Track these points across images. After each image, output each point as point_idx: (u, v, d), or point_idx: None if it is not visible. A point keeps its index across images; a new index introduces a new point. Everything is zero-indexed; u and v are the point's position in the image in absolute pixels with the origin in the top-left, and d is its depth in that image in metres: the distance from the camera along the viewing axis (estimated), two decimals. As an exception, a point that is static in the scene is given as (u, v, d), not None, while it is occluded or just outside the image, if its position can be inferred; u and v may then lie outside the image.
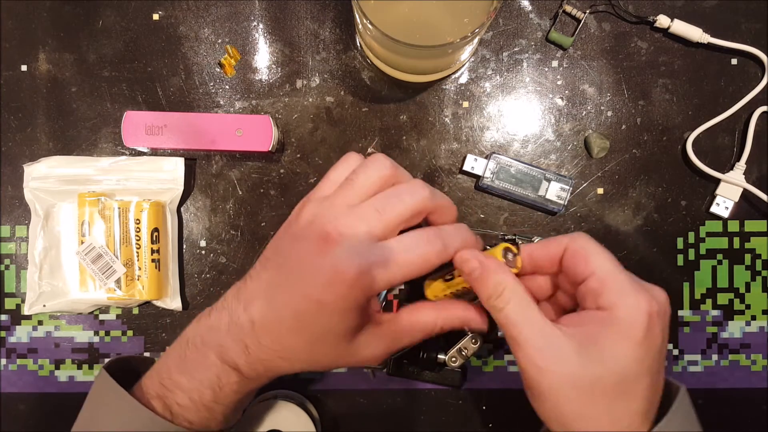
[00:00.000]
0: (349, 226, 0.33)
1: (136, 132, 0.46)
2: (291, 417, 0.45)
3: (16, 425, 0.49)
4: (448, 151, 0.48)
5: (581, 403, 0.32)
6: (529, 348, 0.32)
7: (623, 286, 0.32)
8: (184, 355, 0.36)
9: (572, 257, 0.34)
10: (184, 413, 0.36)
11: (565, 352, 0.32)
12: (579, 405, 0.32)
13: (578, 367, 0.31)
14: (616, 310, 0.32)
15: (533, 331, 0.33)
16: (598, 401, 0.32)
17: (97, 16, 0.49)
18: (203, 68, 0.49)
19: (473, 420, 0.48)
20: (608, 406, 0.32)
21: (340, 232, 0.33)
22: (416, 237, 0.34)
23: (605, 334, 0.32)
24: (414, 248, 0.33)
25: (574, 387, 0.32)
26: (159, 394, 0.36)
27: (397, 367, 0.45)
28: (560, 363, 0.32)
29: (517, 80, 0.48)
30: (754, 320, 0.48)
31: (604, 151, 0.48)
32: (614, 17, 0.48)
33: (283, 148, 0.48)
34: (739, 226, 0.48)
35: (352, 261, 0.32)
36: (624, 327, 0.31)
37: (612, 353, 0.31)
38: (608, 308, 0.32)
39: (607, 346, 0.31)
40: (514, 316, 0.33)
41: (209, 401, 0.36)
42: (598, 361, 0.31)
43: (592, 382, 0.31)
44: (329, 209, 0.34)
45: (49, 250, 0.48)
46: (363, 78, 0.48)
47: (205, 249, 0.49)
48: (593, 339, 0.32)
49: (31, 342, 0.49)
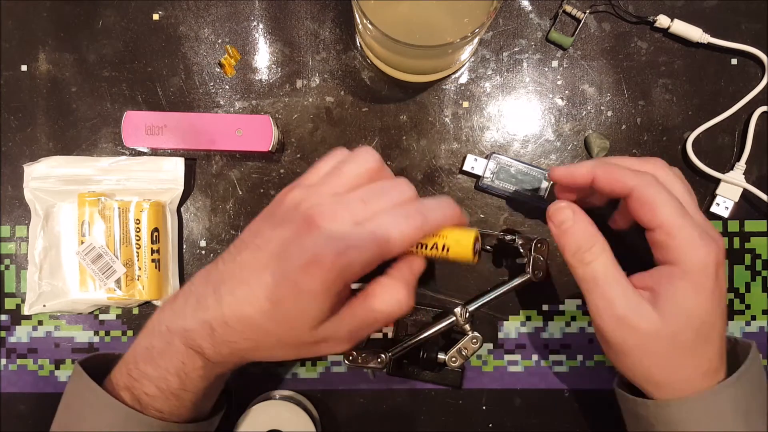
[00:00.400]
0: (334, 212, 0.33)
1: (136, 132, 0.46)
2: (291, 417, 0.45)
3: (16, 425, 0.49)
4: (448, 151, 0.48)
5: (665, 356, 0.34)
6: (617, 308, 0.33)
7: (691, 240, 0.33)
8: (149, 343, 0.37)
9: (639, 205, 0.34)
10: (153, 403, 0.36)
11: (647, 312, 0.33)
12: (663, 359, 0.34)
13: (661, 324, 0.33)
14: (685, 264, 0.33)
15: (619, 290, 0.34)
16: (681, 353, 0.34)
17: (97, 16, 0.49)
18: (203, 68, 0.49)
19: (473, 420, 0.48)
20: (690, 356, 0.34)
21: (324, 218, 0.33)
22: (394, 214, 0.34)
23: (679, 290, 0.33)
24: (393, 225, 0.33)
25: (658, 343, 0.33)
26: (127, 385, 0.37)
27: (397, 367, 0.45)
28: (645, 322, 0.33)
29: (517, 80, 0.48)
30: (754, 320, 0.48)
31: (604, 151, 0.48)
32: (614, 17, 0.48)
33: (283, 148, 0.48)
34: (739, 226, 0.48)
35: (333, 245, 0.32)
36: (695, 281, 0.33)
37: (688, 307, 0.33)
38: (677, 263, 0.33)
39: (683, 302, 0.33)
40: (603, 272, 0.34)
41: (177, 389, 0.36)
42: (677, 316, 0.33)
43: (674, 336, 0.33)
44: (315, 196, 0.34)
45: (49, 250, 0.48)
46: (363, 78, 0.48)
47: (205, 249, 0.49)
48: (670, 296, 0.33)
49: (31, 342, 0.49)
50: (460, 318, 0.42)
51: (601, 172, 0.35)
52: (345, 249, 0.32)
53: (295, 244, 0.33)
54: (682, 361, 0.34)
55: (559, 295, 0.48)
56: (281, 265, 0.33)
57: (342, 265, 0.32)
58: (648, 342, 0.34)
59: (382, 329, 0.48)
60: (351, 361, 0.42)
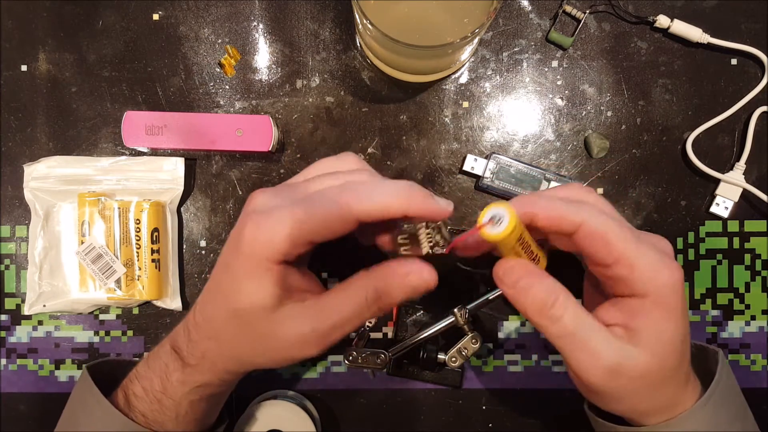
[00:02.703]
0: (273, 191, 0.33)
1: (136, 132, 0.46)
2: (291, 417, 0.45)
3: (16, 425, 0.49)
4: (448, 151, 0.48)
5: (656, 388, 0.33)
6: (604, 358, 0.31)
7: (653, 267, 0.31)
8: (155, 348, 0.38)
9: (591, 241, 0.31)
10: (138, 404, 0.36)
11: (635, 353, 0.31)
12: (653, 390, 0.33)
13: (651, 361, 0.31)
14: (654, 294, 0.31)
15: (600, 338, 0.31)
16: (669, 379, 0.33)
17: (97, 16, 0.49)
18: (203, 68, 0.49)
19: (473, 420, 0.48)
20: (675, 377, 0.33)
21: (261, 196, 0.33)
22: (328, 191, 0.32)
23: (656, 322, 0.31)
24: (320, 200, 0.31)
25: (650, 379, 0.32)
26: (123, 386, 0.37)
27: (397, 367, 0.46)
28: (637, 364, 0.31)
29: (517, 80, 0.48)
30: (754, 320, 0.48)
31: (604, 151, 0.48)
32: (614, 17, 0.48)
33: (283, 148, 0.48)
34: (738, 226, 0.48)
35: (254, 219, 0.31)
36: (668, 308, 0.31)
37: (669, 335, 0.32)
38: (645, 294, 0.31)
39: (663, 332, 0.32)
40: (577, 323, 0.31)
41: (158, 391, 0.36)
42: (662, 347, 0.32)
43: (662, 368, 0.32)
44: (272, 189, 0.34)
45: (49, 250, 0.48)
46: (363, 78, 0.48)
47: (205, 249, 0.49)
48: (649, 330, 0.31)
49: (31, 342, 0.49)
50: (460, 318, 0.42)
51: (540, 210, 0.31)
52: (262, 221, 0.31)
53: (234, 231, 0.33)
54: (669, 386, 0.33)
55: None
56: (222, 253, 0.34)
57: (262, 242, 0.30)
58: (641, 382, 0.32)
59: (381, 329, 0.48)
60: (351, 361, 0.42)
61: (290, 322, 0.32)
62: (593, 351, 0.31)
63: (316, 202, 0.31)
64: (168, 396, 0.36)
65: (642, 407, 0.33)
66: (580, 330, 0.31)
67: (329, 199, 0.31)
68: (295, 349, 0.33)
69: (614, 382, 0.31)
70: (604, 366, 0.31)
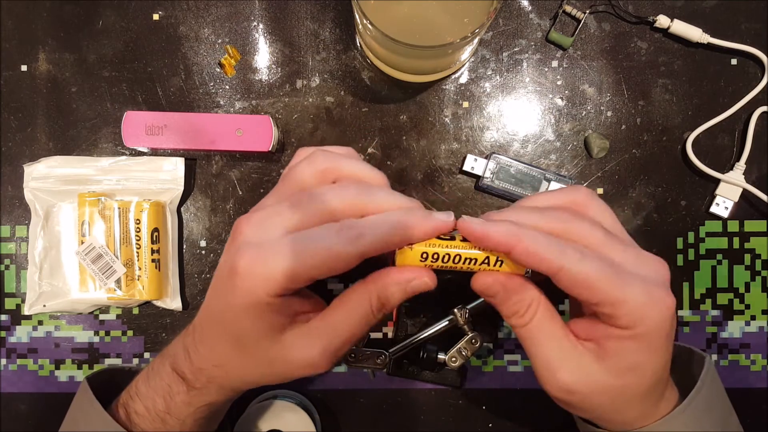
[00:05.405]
0: (262, 219, 0.31)
1: (136, 132, 0.46)
2: (291, 417, 0.45)
3: (16, 425, 0.49)
4: (448, 151, 0.48)
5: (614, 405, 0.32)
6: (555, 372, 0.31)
7: (639, 306, 0.29)
8: (154, 363, 0.37)
9: (571, 285, 0.30)
10: (140, 422, 0.36)
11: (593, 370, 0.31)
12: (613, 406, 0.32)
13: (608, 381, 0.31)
14: (636, 329, 0.30)
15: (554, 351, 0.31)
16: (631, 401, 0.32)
17: (97, 16, 0.49)
18: (203, 68, 0.49)
19: (473, 420, 0.48)
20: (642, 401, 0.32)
21: (249, 225, 0.31)
22: (326, 228, 0.30)
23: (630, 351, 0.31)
24: (319, 239, 0.29)
25: (605, 396, 0.31)
26: (124, 402, 0.37)
27: (397, 367, 0.45)
28: (589, 382, 0.31)
29: (517, 80, 0.48)
30: (754, 320, 0.48)
31: (604, 151, 0.48)
32: (614, 17, 0.48)
33: (283, 148, 0.48)
34: (738, 226, 0.48)
35: (248, 253, 0.30)
36: (649, 343, 0.30)
37: (641, 365, 0.31)
38: (628, 328, 0.30)
39: (635, 360, 0.31)
40: (537, 333, 0.31)
41: (162, 411, 0.35)
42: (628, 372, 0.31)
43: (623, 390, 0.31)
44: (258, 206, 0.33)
45: (49, 250, 0.48)
46: (363, 78, 0.48)
47: (205, 249, 0.49)
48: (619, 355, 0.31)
49: (31, 342, 0.49)
50: (460, 318, 0.42)
51: (519, 247, 0.29)
52: (258, 257, 0.29)
53: (223, 259, 0.32)
54: (635, 405, 0.33)
55: (559, 294, 0.48)
56: (214, 282, 0.33)
57: (260, 280, 0.29)
58: (601, 399, 0.32)
59: (381, 329, 0.48)
60: (351, 361, 0.42)
61: (298, 345, 0.32)
62: (553, 362, 0.31)
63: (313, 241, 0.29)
64: (172, 416, 0.35)
65: (606, 418, 0.33)
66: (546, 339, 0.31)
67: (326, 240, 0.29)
68: (306, 370, 0.32)
69: (571, 396, 0.31)
70: (560, 379, 0.31)
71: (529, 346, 0.32)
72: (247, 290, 0.30)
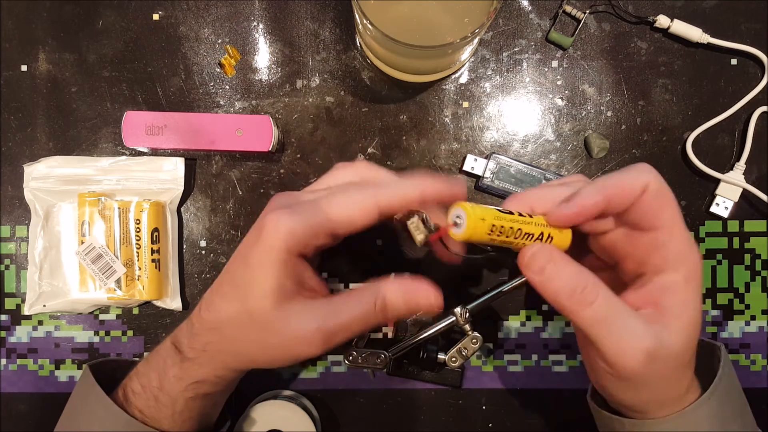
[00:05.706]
0: (290, 194, 0.35)
1: (136, 132, 0.46)
2: (291, 417, 0.45)
3: (16, 425, 0.49)
4: (448, 151, 0.48)
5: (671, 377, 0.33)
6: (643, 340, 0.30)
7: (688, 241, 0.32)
8: (156, 347, 0.38)
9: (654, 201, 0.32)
10: (136, 401, 0.37)
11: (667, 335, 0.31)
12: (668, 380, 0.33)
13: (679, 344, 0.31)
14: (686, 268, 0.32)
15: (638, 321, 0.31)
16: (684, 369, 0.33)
17: (97, 16, 0.49)
18: (203, 68, 0.49)
19: (473, 420, 0.48)
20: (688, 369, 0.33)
21: (281, 195, 0.35)
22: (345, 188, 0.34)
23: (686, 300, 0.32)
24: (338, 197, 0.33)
25: (671, 364, 0.32)
26: (124, 385, 0.38)
27: (397, 367, 0.45)
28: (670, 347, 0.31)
29: (517, 80, 0.48)
30: (754, 320, 0.48)
31: (604, 151, 0.48)
32: (614, 17, 0.48)
33: (283, 148, 0.48)
34: (738, 226, 0.48)
35: (275, 215, 0.32)
36: (696, 285, 0.32)
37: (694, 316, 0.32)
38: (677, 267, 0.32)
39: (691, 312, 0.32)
40: (611, 307, 0.31)
41: (155, 387, 0.36)
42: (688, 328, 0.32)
43: (684, 352, 0.32)
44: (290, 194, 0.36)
45: (49, 250, 0.48)
46: (363, 78, 0.48)
47: (205, 249, 0.49)
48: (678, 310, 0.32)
49: (31, 342, 0.49)
50: (460, 318, 0.42)
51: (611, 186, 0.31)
52: (285, 216, 0.32)
53: (254, 228, 0.34)
54: (689, 370, 0.34)
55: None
56: (239, 248, 0.35)
57: (284, 233, 0.32)
58: (674, 364, 0.32)
59: (381, 329, 0.48)
60: (351, 361, 0.42)
61: (296, 317, 0.32)
62: (631, 334, 0.30)
63: (338, 195, 0.33)
64: (165, 392, 0.36)
65: (664, 394, 0.33)
66: (615, 314, 0.31)
67: (351, 193, 0.33)
68: (297, 346, 0.33)
69: (651, 366, 0.31)
70: (643, 349, 0.30)
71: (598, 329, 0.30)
72: (269, 244, 0.32)
